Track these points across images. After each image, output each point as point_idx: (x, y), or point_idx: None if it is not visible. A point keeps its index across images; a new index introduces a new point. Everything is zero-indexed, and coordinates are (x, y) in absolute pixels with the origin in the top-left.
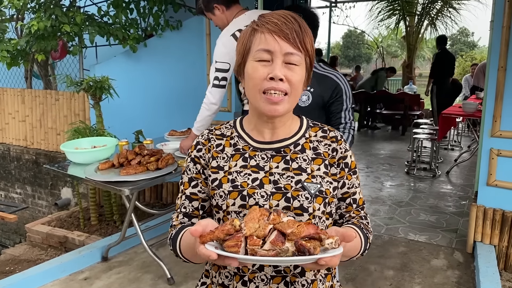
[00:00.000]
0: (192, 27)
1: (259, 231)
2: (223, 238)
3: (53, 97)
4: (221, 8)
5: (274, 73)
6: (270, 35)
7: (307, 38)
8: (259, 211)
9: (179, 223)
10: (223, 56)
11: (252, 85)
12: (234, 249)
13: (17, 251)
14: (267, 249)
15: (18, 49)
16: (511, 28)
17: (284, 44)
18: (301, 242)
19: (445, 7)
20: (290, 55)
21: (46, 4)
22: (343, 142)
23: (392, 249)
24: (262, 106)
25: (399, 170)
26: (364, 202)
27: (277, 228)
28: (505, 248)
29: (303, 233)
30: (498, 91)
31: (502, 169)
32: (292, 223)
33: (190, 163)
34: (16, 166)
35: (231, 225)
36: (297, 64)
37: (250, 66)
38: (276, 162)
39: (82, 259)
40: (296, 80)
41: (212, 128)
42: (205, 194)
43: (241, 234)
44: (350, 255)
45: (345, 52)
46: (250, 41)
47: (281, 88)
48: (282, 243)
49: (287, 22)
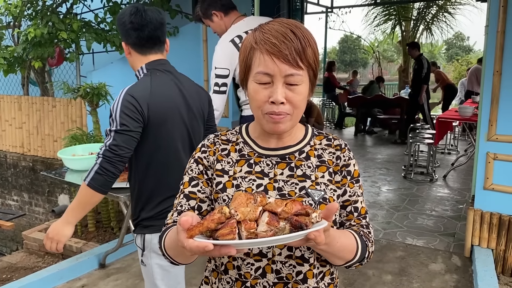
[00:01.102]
0: (189, 33)
1: (251, 215)
2: (215, 227)
3: (50, 104)
4: (219, 14)
5: (274, 98)
6: (269, 57)
7: (309, 51)
8: (244, 195)
9: (172, 221)
10: (222, 63)
11: (255, 106)
12: (229, 236)
13: (14, 258)
14: (264, 230)
15: (15, 56)
16: (505, 33)
17: (283, 66)
18: (296, 218)
19: (440, 12)
20: (291, 76)
21: (43, 11)
22: (347, 150)
23: (390, 254)
24: (265, 125)
25: (396, 175)
26: (367, 212)
27: (267, 209)
28: (503, 252)
29: (293, 210)
30: (494, 95)
31: (498, 173)
32: (280, 202)
33: (193, 164)
34: (13, 173)
35: (221, 213)
36: (299, 84)
37: (251, 86)
38: (280, 169)
39: (80, 266)
40: (298, 101)
41: (218, 133)
42: (205, 195)
43: (234, 220)
44: (344, 256)
45: (342, 57)
46: (250, 59)
47: (282, 112)
48: (277, 222)
49: (286, 41)
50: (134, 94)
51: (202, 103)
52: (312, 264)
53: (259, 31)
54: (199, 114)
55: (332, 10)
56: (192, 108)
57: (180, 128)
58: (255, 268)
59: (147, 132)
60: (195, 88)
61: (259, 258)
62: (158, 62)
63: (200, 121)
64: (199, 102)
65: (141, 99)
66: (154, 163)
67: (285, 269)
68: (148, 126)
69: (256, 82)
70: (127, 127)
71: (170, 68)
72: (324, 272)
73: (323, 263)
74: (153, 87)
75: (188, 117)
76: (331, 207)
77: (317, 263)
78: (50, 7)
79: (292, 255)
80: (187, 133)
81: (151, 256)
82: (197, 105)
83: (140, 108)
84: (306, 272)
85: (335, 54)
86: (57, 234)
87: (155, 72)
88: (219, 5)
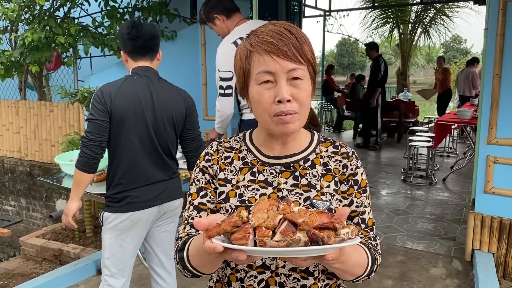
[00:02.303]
0: (187, 37)
1: (268, 222)
2: (230, 230)
3: (47, 109)
4: (221, 18)
5: (281, 96)
6: (268, 56)
7: (306, 48)
8: (267, 201)
9: (186, 235)
10: (225, 65)
11: (261, 110)
12: (242, 241)
13: (11, 264)
14: (277, 240)
15: (12, 61)
16: (505, 36)
17: (284, 62)
18: (314, 231)
19: (438, 15)
20: (293, 71)
21: (40, 16)
22: (355, 158)
23: (390, 258)
24: (274, 128)
25: (395, 178)
26: (374, 223)
27: (287, 218)
28: (504, 256)
29: (316, 222)
30: (494, 98)
31: (499, 176)
32: (304, 212)
33: (199, 174)
34: (10, 178)
35: (238, 216)
36: (302, 78)
37: (254, 90)
38: (284, 178)
39: (77, 273)
40: (303, 97)
41: (222, 140)
42: (214, 205)
43: (249, 225)
44: (355, 272)
45: (339, 60)
46: (248, 63)
47: (290, 111)
48: (293, 233)
49: (283, 38)
50: (103, 90)
51: (176, 111)
52: (317, 277)
53: (253, 35)
54: (169, 120)
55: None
56: (159, 112)
57: (139, 127)
58: (258, 281)
59: (111, 124)
60: (172, 96)
61: (262, 271)
62: (142, 68)
63: (168, 126)
64: (173, 109)
65: (106, 94)
66: (116, 152)
67: (289, 282)
68: (111, 118)
69: (259, 84)
70: (94, 116)
71: (150, 75)
72: (330, 285)
73: (330, 276)
74: (121, 86)
75: (153, 120)
76: (343, 212)
77: (323, 276)
78: (48, 11)
79: (296, 268)
80: (148, 133)
81: (104, 232)
82: (168, 112)
83: (104, 100)
84: (310, 286)
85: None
86: (65, 209)
87: (134, 75)
88: (221, 8)
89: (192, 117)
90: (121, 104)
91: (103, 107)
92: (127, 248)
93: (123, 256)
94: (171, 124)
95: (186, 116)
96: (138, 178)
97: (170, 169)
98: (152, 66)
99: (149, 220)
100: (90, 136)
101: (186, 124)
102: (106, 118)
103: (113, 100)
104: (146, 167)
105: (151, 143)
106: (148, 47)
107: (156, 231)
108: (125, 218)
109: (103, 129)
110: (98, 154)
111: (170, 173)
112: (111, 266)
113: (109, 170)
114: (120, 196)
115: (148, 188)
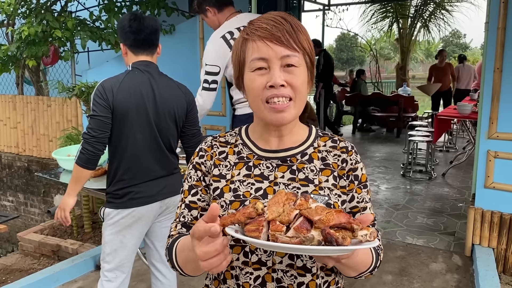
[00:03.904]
0: (185, 31)
1: (283, 216)
2: (244, 221)
3: (45, 103)
4: (212, 10)
5: (273, 81)
6: (262, 42)
7: (302, 36)
8: (285, 195)
9: (177, 233)
10: (212, 60)
11: (253, 96)
12: (254, 233)
13: (9, 260)
14: (290, 236)
15: (8, 55)
16: (506, 30)
17: (277, 48)
18: (329, 231)
19: (437, 9)
20: (287, 57)
21: (37, 9)
22: (354, 153)
23: (390, 253)
24: (268, 116)
25: (395, 173)
26: (375, 218)
27: (303, 214)
28: (504, 251)
29: (333, 221)
30: (494, 92)
31: (499, 171)
32: (321, 210)
33: (192, 170)
34: (8, 173)
35: (253, 207)
36: (297, 66)
37: (248, 77)
38: (281, 172)
39: (75, 268)
40: (298, 83)
41: (217, 136)
42: (205, 203)
43: (263, 218)
44: (359, 269)
45: (339, 55)
46: (243, 52)
47: (284, 94)
48: (307, 230)
49: (277, 24)
50: (104, 85)
51: (177, 106)
52: (315, 274)
53: (249, 25)
54: (170, 115)
55: (329, 7)
56: (161, 108)
57: (142, 122)
58: (254, 278)
59: (113, 120)
60: (173, 91)
61: (258, 267)
62: (142, 62)
63: (170, 122)
64: (175, 104)
65: (108, 89)
66: (119, 148)
67: (286, 278)
68: (114, 114)
69: (252, 71)
70: (96, 112)
71: (151, 70)
72: (329, 281)
73: (328, 272)
74: (123, 81)
75: (156, 115)
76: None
77: (322, 273)
78: (44, 5)
79: (294, 264)
80: (150, 129)
81: (105, 227)
82: (169, 107)
83: (106, 96)
84: (308, 283)
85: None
86: (62, 203)
87: (134, 70)
88: (213, 1)
89: (193, 113)
90: (124, 99)
91: (105, 102)
92: (128, 244)
93: (124, 252)
94: (172, 119)
95: (187, 112)
96: (141, 174)
97: (171, 164)
98: (153, 60)
99: (151, 216)
100: (93, 133)
101: (187, 119)
102: (109, 114)
103: (115, 96)
104: (149, 163)
105: (154, 139)
106: (150, 41)
107: (157, 227)
108: (127, 214)
109: (105, 125)
110: (100, 150)
111: (172, 169)
112: (111, 261)
113: (110, 166)
114: (122, 192)
115: (150, 183)
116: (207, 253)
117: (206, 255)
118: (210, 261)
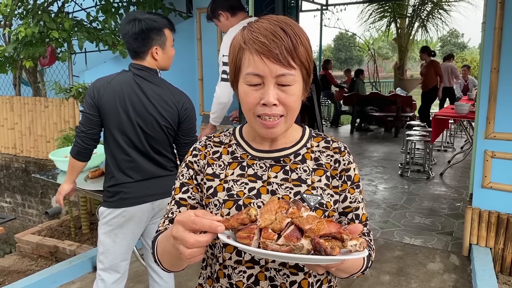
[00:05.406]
0: (182, 31)
1: (275, 224)
2: (237, 227)
3: (42, 104)
4: (225, 15)
5: (266, 99)
6: (259, 57)
7: (301, 49)
8: (277, 203)
9: (164, 229)
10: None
11: (246, 109)
12: (246, 240)
13: (6, 262)
14: (280, 244)
15: (5, 56)
16: (503, 30)
17: (273, 66)
18: (318, 240)
19: (435, 9)
20: (282, 76)
21: (33, 10)
22: (347, 153)
23: (387, 253)
24: (258, 129)
25: (392, 173)
26: (368, 218)
27: (294, 222)
28: (501, 251)
29: (323, 230)
30: (491, 92)
31: (496, 171)
32: (312, 219)
33: (184, 169)
34: (5, 174)
35: (247, 214)
36: (291, 84)
37: (242, 89)
38: (275, 172)
39: (73, 270)
40: (290, 102)
41: (211, 136)
42: (195, 201)
43: (255, 225)
44: (351, 271)
45: (337, 55)
46: (240, 60)
47: (275, 114)
48: (297, 239)
49: (276, 39)
50: (95, 84)
51: (165, 114)
52: (307, 272)
53: (248, 29)
54: (157, 122)
55: (327, 7)
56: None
57: (124, 124)
58: (247, 276)
59: (101, 118)
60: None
61: (251, 265)
62: (136, 65)
63: (157, 127)
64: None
65: (96, 88)
66: (107, 146)
67: (279, 277)
68: (100, 113)
69: (247, 84)
70: (85, 110)
71: (143, 74)
72: (321, 280)
73: None
74: (111, 82)
75: (141, 119)
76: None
77: (314, 272)
78: (41, 5)
79: (286, 263)
80: (134, 131)
81: (100, 226)
82: (155, 114)
83: (93, 95)
84: (300, 282)
85: (330, 52)
86: (59, 188)
87: (127, 72)
88: (226, 6)
89: (188, 123)
90: (108, 100)
91: (91, 101)
92: (119, 244)
93: (116, 251)
94: (158, 126)
95: (180, 121)
96: (129, 174)
97: (163, 166)
98: (148, 64)
99: (143, 217)
100: (82, 128)
101: (180, 129)
102: (95, 112)
103: (101, 95)
104: (136, 164)
105: (139, 141)
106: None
107: (153, 228)
108: (117, 214)
109: (92, 122)
110: (90, 145)
111: (165, 170)
112: (104, 260)
113: (105, 162)
114: (113, 191)
115: (140, 184)
116: (199, 242)
117: (197, 243)
118: (196, 250)
